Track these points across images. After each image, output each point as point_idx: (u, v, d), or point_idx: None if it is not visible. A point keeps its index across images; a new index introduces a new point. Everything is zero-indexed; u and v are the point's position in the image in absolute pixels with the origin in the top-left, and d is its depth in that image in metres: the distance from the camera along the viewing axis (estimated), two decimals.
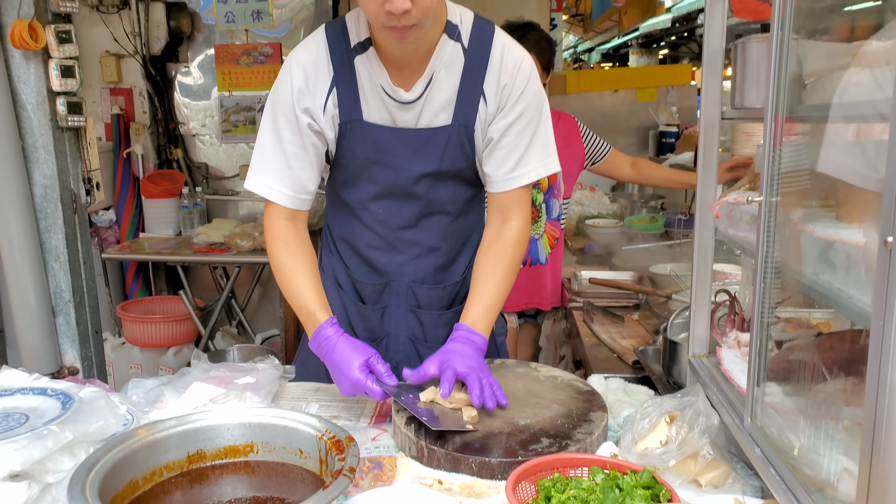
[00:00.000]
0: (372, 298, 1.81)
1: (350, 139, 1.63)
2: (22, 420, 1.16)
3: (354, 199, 1.73)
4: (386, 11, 1.37)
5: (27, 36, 2.06)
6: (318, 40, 1.62)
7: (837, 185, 1.06)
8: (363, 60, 1.60)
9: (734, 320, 1.49)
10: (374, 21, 1.44)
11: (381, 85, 1.60)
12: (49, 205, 2.22)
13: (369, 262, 1.79)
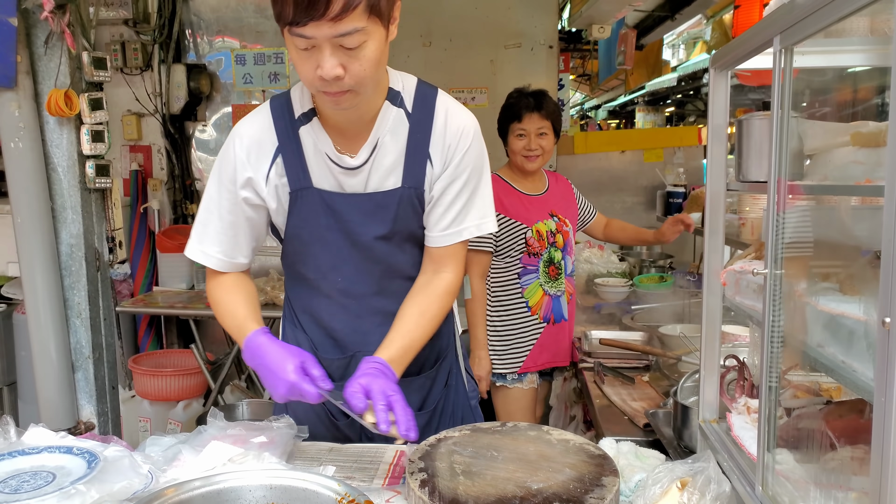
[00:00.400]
0: (338, 373, 1.76)
1: (302, 206, 1.64)
2: (49, 478, 1.19)
3: (312, 270, 1.72)
4: (318, 77, 1.38)
5: (63, 104, 2.16)
6: (262, 113, 1.64)
7: (840, 257, 1.10)
8: (308, 130, 1.61)
9: (743, 386, 1.52)
10: (311, 87, 1.45)
11: (326, 153, 1.61)
12: (74, 262, 2.28)
13: (332, 334, 1.78)
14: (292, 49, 1.40)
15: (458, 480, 1.41)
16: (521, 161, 2.93)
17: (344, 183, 1.64)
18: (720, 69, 1.46)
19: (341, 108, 1.48)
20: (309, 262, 1.71)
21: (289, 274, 1.82)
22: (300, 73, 1.43)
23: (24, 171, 2.18)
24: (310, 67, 1.38)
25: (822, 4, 0.93)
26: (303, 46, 1.36)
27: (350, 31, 1.33)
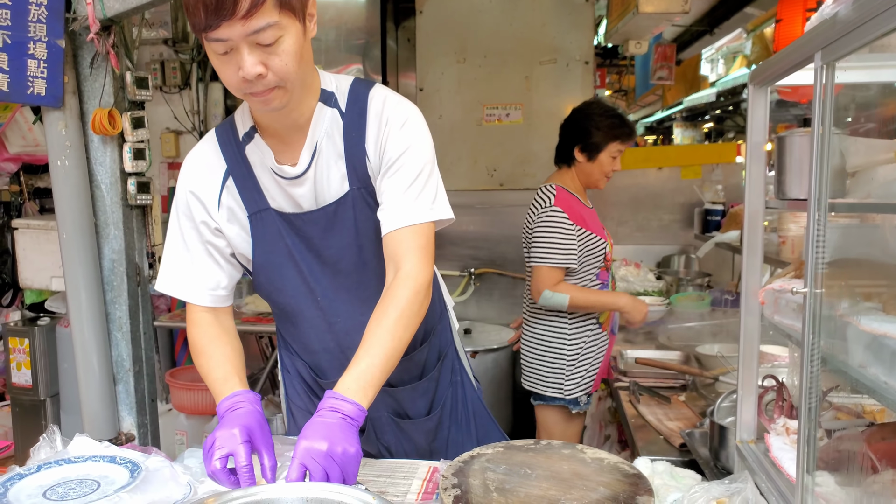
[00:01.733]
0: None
1: (264, 230, 1.61)
2: (94, 486, 1.22)
3: (289, 296, 1.68)
4: (241, 79, 1.36)
5: (107, 123, 2.22)
6: (208, 139, 1.64)
7: (883, 276, 1.09)
8: (252, 148, 1.59)
9: (782, 406, 1.50)
10: (237, 92, 1.41)
11: (270, 167, 1.58)
12: (115, 278, 2.34)
13: (327, 356, 1.74)
14: (213, 57, 1.38)
15: (492, 497, 1.41)
16: (599, 180, 2.89)
17: (295, 196, 1.60)
18: (759, 85, 1.45)
19: (273, 109, 1.44)
20: (285, 289, 1.67)
21: (271, 307, 1.79)
22: (224, 80, 1.40)
23: (69, 187, 2.24)
24: (231, 71, 1.36)
25: (865, 20, 0.92)
26: (221, 51, 1.34)
27: (263, 27, 1.32)
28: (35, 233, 3.56)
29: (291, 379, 1.83)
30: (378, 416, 1.80)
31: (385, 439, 1.82)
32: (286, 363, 1.85)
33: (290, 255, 1.62)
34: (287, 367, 1.84)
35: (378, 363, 1.45)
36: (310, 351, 1.77)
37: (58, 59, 2.15)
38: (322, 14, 4.52)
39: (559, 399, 2.87)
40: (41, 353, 3.76)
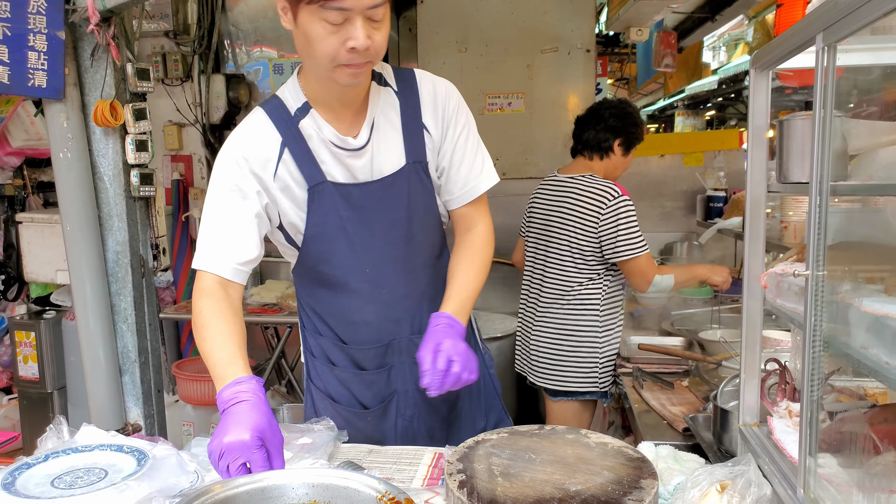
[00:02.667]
0: (375, 362, 1.80)
1: (321, 202, 1.65)
2: (101, 475, 1.23)
3: (337, 268, 1.71)
4: (349, 49, 1.43)
5: (108, 114, 2.22)
6: (257, 114, 1.65)
7: (885, 258, 1.09)
8: (308, 122, 1.63)
9: (785, 389, 1.50)
10: (332, 62, 1.47)
11: (330, 139, 1.63)
12: (120, 269, 2.34)
13: (366, 328, 1.78)
14: (316, 27, 1.43)
15: (497, 482, 1.42)
16: (620, 174, 3.02)
17: (352, 168, 1.66)
18: (761, 69, 1.45)
19: (359, 82, 1.55)
20: (334, 260, 1.71)
21: (308, 279, 1.80)
22: (322, 50, 1.46)
23: (72, 180, 2.25)
24: (337, 42, 1.44)
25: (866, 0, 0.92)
26: (337, 21, 1.41)
27: (380, 3, 1.43)
28: (39, 226, 3.57)
29: (316, 363, 1.85)
30: (405, 389, 1.83)
31: (408, 412, 1.85)
32: (311, 346, 1.86)
33: (343, 226, 1.67)
34: (312, 351, 1.86)
35: (470, 297, 1.71)
36: (347, 322, 1.80)
37: (58, 50, 2.16)
38: None
39: (591, 393, 2.86)
40: (47, 346, 3.78)
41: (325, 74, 1.54)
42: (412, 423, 1.86)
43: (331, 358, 1.83)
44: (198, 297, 1.60)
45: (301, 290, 1.85)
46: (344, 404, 1.84)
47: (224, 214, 1.61)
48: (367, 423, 1.84)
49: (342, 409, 1.83)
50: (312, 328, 1.85)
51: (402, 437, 1.86)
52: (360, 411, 1.84)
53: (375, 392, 1.83)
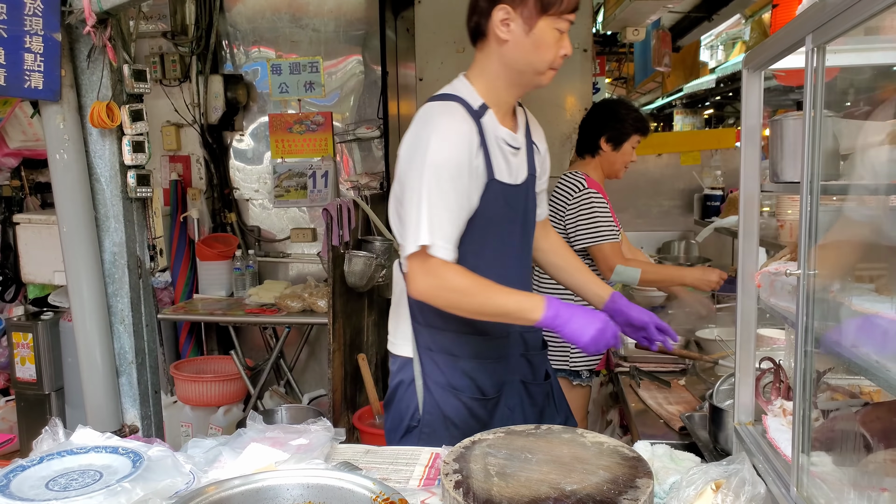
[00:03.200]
0: (496, 353, 1.95)
1: (490, 196, 1.80)
2: (96, 477, 1.23)
3: (481, 261, 1.82)
4: (562, 55, 1.77)
5: (105, 116, 2.22)
6: (458, 109, 1.78)
7: (876, 257, 1.09)
8: (487, 120, 1.80)
9: (779, 388, 1.51)
10: (544, 66, 1.78)
11: (503, 137, 1.83)
12: (117, 270, 2.34)
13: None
14: (550, 35, 1.74)
15: (493, 482, 1.42)
16: (620, 169, 3.10)
17: (512, 166, 1.86)
18: (753, 70, 1.45)
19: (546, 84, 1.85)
20: (484, 252, 1.85)
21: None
22: (547, 55, 1.76)
23: (69, 181, 2.25)
24: (556, 49, 1.76)
25: (854, 2, 0.92)
26: (564, 29, 1.76)
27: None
28: (37, 227, 3.57)
29: (434, 356, 1.91)
30: (512, 380, 1.99)
31: (511, 403, 1.98)
32: (428, 341, 1.92)
33: (499, 222, 1.86)
34: (430, 346, 1.92)
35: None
36: None
37: (54, 52, 2.16)
38: (321, 5, 4.55)
39: (562, 371, 2.97)
40: (45, 347, 3.78)
41: (529, 79, 1.82)
42: (514, 414, 1.99)
43: (453, 350, 1.91)
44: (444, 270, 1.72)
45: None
46: (467, 393, 1.92)
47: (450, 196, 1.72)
48: (485, 411, 1.95)
49: (465, 398, 1.91)
50: (427, 322, 1.90)
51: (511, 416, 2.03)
52: (481, 399, 1.94)
53: (495, 381, 1.95)
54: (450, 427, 1.88)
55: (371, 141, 4.51)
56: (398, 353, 1.97)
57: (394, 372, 1.99)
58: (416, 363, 1.93)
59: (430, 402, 1.92)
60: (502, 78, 1.81)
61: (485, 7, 1.77)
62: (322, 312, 3.82)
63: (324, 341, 4.29)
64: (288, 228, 4.59)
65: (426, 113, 1.79)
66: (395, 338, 1.98)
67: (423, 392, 1.93)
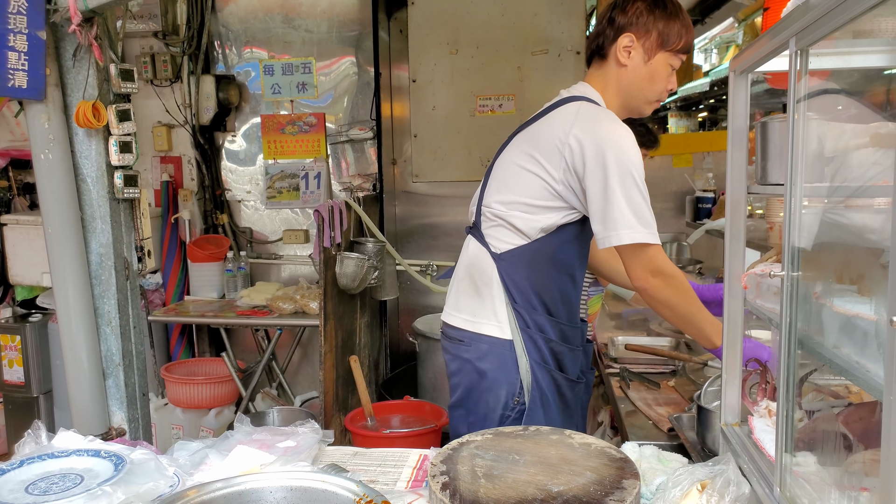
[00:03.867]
0: (575, 340, 2.10)
1: None
2: (77, 481, 1.22)
3: (575, 256, 2.03)
4: (669, 89, 1.99)
5: (91, 115, 2.21)
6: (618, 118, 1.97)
7: (858, 258, 1.09)
8: None
9: (765, 389, 1.51)
10: (656, 96, 2.01)
11: None
12: (103, 272, 2.33)
13: (572, 308, 2.09)
14: (661, 69, 1.97)
15: (479, 483, 1.42)
16: None
17: None
18: (739, 72, 1.45)
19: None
20: (574, 250, 2.02)
21: (543, 263, 2.01)
22: (655, 86, 1.99)
23: (54, 181, 2.23)
24: (666, 83, 1.99)
25: (835, 4, 0.92)
26: (676, 66, 1.99)
27: None
28: (25, 228, 3.55)
29: (531, 333, 2.03)
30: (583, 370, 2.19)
31: (580, 390, 2.17)
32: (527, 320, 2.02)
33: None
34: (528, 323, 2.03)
35: None
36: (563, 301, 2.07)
37: (39, 51, 2.14)
38: (314, 6, 4.54)
39: None
40: (33, 349, 3.77)
41: (636, 105, 2.03)
42: (581, 401, 2.20)
43: (546, 331, 2.02)
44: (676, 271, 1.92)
45: (520, 265, 2.01)
46: (560, 372, 2.05)
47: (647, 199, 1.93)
48: (572, 393, 2.10)
49: (559, 376, 2.04)
50: (524, 301, 2.01)
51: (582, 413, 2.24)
52: (569, 379, 2.08)
53: (575, 367, 2.11)
54: (545, 406, 2.01)
55: (364, 142, 4.50)
56: (489, 334, 2.03)
57: (477, 358, 2.05)
58: (519, 343, 2.00)
59: (534, 380, 2.01)
60: (616, 99, 2.02)
61: (611, 34, 1.98)
62: (314, 314, 3.82)
63: (316, 343, 4.28)
64: (280, 230, 4.58)
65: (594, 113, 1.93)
66: (480, 318, 2.05)
67: (529, 370, 2.01)
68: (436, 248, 4.62)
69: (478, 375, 2.04)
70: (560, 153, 1.89)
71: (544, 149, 1.92)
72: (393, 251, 4.00)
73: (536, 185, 1.94)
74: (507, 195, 1.99)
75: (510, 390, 2.02)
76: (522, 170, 1.96)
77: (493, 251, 2.02)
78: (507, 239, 2.00)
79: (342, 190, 4.47)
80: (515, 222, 1.98)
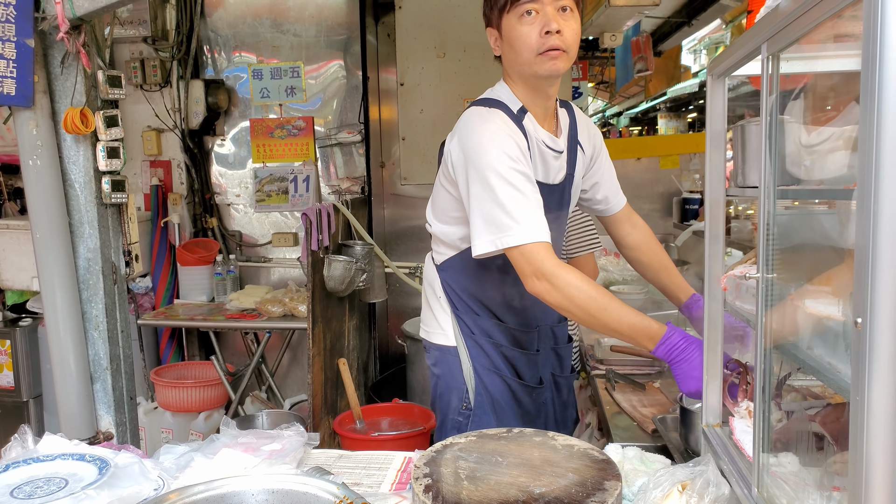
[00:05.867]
0: (532, 344, 2.06)
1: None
2: (62, 484, 1.23)
3: (507, 262, 1.87)
4: (545, 32, 1.74)
5: (79, 122, 2.22)
6: (499, 114, 1.85)
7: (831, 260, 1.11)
8: (527, 123, 1.88)
9: (746, 390, 1.52)
10: (531, 52, 1.78)
11: (543, 140, 1.89)
12: (91, 276, 2.33)
13: (523, 313, 2.02)
14: (513, 27, 1.79)
15: (462, 485, 1.43)
16: None
17: (551, 169, 1.93)
18: (717, 76, 1.47)
19: (555, 70, 1.79)
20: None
21: (475, 265, 1.94)
22: (522, 43, 1.78)
23: (42, 187, 2.24)
24: (533, 32, 1.76)
25: (802, 10, 0.94)
26: (533, 12, 1.75)
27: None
28: (15, 233, 3.55)
29: (478, 339, 2.02)
30: (544, 373, 2.11)
31: (545, 395, 2.11)
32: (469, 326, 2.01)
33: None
34: (472, 330, 2.02)
35: None
36: (507, 306, 2.02)
37: (27, 58, 2.15)
38: (302, 10, 4.55)
39: None
40: (23, 354, 3.76)
41: (531, 73, 1.82)
42: (546, 406, 2.13)
43: (494, 336, 2.01)
44: (567, 274, 1.72)
45: (457, 275, 2.02)
46: (511, 376, 2.02)
47: (524, 194, 1.75)
48: (529, 399, 2.06)
49: (510, 380, 2.01)
50: (466, 309, 2.01)
51: (545, 418, 2.14)
52: (524, 384, 2.04)
53: (533, 372, 2.07)
54: (498, 411, 1.99)
55: (352, 145, 4.51)
56: (436, 342, 2.06)
57: (432, 364, 2.10)
58: (463, 349, 2.01)
59: (479, 384, 2.01)
60: (519, 84, 1.90)
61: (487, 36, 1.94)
62: (303, 317, 3.82)
63: (305, 346, 4.28)
64: (269, 233, 4.58)
65: (469, 118, 1.87)
66: (430, 327, 2.09)
67: (472, 375, 2.01)
68: (424, 251, 4.58)
69: (435, 380, 2.11)
70: (448, 167, 1.91)
71: (445, 163, 1.94)
72: (381, 254, 4.01)
73: (447, 198, 1.95)
74: (434, 210, 2.04)
75: (458, 395, 2.04)
76: (439, 185, 2.00)
77: (436, 262, 2.08)
78: (442, 251, 2.05)
79: (331, 193, 4.48)
80: (442, 235, 2.02)
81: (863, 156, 0.75)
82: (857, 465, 0.76)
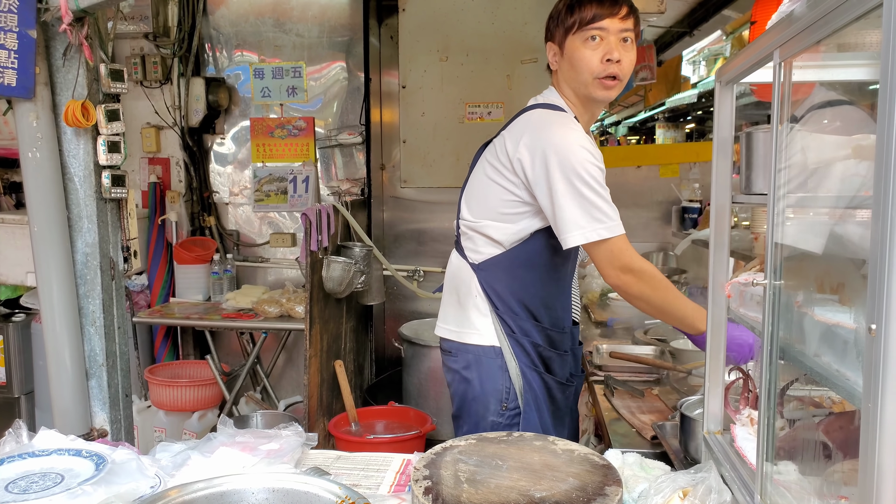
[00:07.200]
0: (563, 345, 2.14)
1: None
2: (58, 480, 1.22)
3: (552, 261, 2.04)
4: (606, 59, 1.89)
5: (80, 115, 2.20)
6: (571, 117, 2.01)
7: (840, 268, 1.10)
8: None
9: (748, 398, 1.52)
10: (591, 75, 1.93)
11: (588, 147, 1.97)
12: (89, 271, 2.31)
13: (556, 313, 2.11)
14: (577, 49, 1.93)
15: (462, 488, 1.42)
16: None
17: None
18: (725, 83, 1.47)
19: (608, 97, 1.98)
20: (562, 253, 2.01)
21: (519, 262, 2.04)
22: (583, 66, 1.94)
23: (41, 180, 2.22)
24: (595, 57, 1.91)
25: (818, 17, 0.94)
26: (598, 37, 1.90)
27: (630, 29, 1.92)
28: (10, 228, 3.53)
29: (518, 339, 2.07)
30: (572, 373, 2.23)
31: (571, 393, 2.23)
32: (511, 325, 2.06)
33: None
34: (513, 329, 2.07)
35: None
36: (545, 306, 2.10)
37: (29, 49, 2.13)
38: (305, 10, 4.55)
39: None
40: (15, 349, 3.74)
41: (585, 94, 1.98)
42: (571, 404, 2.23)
43: (533, 336, 2.06)
44: (644, 264, 1.92)
45: (500, 274, 2.06)
46: (550, 375, 2.10)
47: (607, 191, 1.91)
48: (562, 396, 2.15)
49: (549, 378, 2.09)
50: (506, 309, 2.05)
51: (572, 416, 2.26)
52: (560, 382, 2.13)
53: (564, 371, 2.15)
54: (539, 409, 2.05)
55: (353, 147, 4.50)
56: (472, 343, 2.08)
57: (462, 367, 2.10)
58: (507, 349, 2.05)
59: (526, 384, 2.05)
60: (571, 98, 2.04)
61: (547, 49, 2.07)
62: (299, 318, 3.81)
63: (301, 347, 4.26)
64: (267, 233, 4.57)
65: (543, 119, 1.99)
66: (462, 328, 2.11)
67: (519, 374, 2.05)
68: (423, 254, 4.62)
69: (466, 385, 2.10)
70: (513, 165, 1.97)
71: (504, 161, 2.00)
72: (380, 256, 4.00)
73: (503, 195, 2.00)
74: (480, 207, 2.06)
75: (497, 397, 2.06)
76: (490, 181, 2.03)
77: (472, 262, 2.09)
78: (482, 249, 2.06)
79: (330, 194, 4.47)
80: (489, 232, 2.04)
81: (879, 162, 0.74)
82: (867, 473, 0.76)
